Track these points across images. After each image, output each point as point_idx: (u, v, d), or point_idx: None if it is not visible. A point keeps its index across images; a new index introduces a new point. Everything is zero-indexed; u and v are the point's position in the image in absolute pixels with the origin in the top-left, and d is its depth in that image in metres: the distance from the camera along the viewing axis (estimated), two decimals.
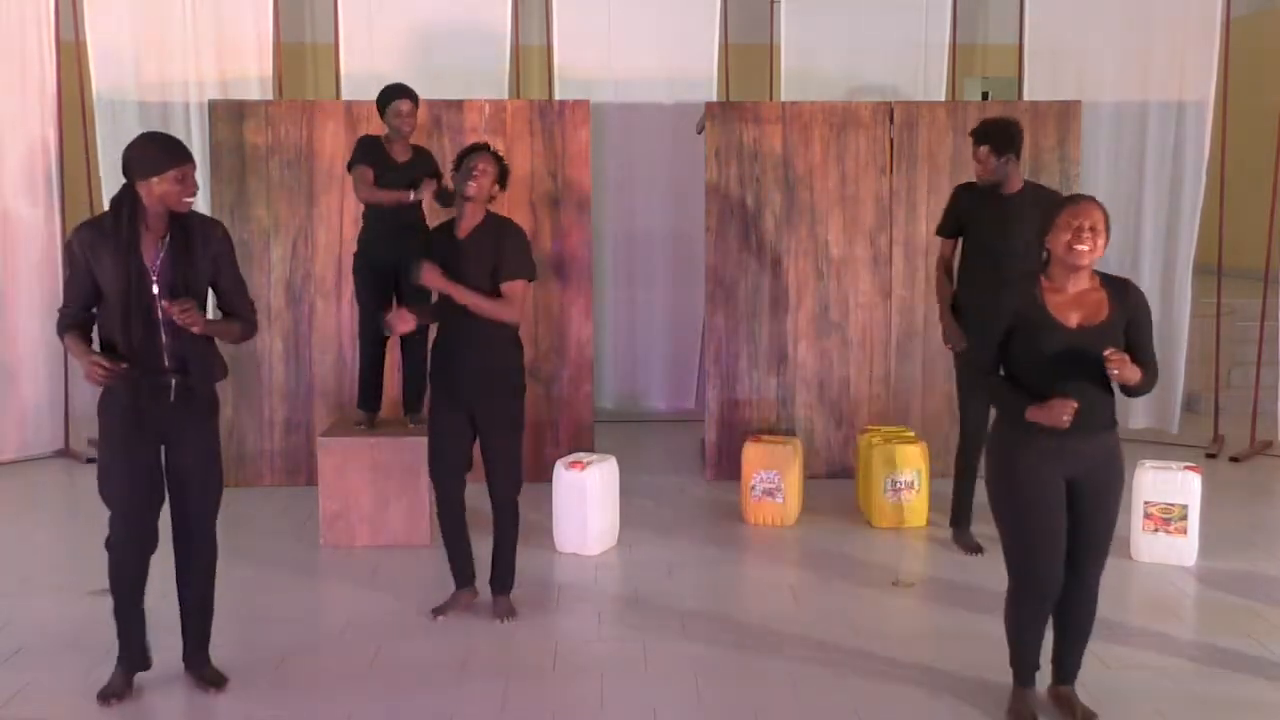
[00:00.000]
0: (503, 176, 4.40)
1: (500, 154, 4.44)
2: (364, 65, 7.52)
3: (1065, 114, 6.66)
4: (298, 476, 6.59)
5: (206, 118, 6.76)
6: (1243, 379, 7.97)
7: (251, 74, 7.51)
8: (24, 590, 4.92)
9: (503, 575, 4.59)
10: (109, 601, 3.79)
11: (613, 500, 5.53)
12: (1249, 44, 7.90)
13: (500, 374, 4.40)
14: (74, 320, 3.65)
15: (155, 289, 3.59)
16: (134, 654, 3.83)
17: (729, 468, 6.48)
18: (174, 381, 3.65)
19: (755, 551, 5.53)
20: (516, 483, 4.51)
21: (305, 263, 6.60)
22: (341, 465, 5.52)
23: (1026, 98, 7.43)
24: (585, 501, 5.34)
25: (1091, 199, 3.52)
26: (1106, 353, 3.33)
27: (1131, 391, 3.51)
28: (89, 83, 7.39)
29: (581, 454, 5.69)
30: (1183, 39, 7.38)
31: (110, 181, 6.96)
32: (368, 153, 5.64)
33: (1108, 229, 3.47)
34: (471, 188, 4.29)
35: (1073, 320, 3.46)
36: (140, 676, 3.87)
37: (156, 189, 3.54)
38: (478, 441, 4.48)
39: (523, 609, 4.61)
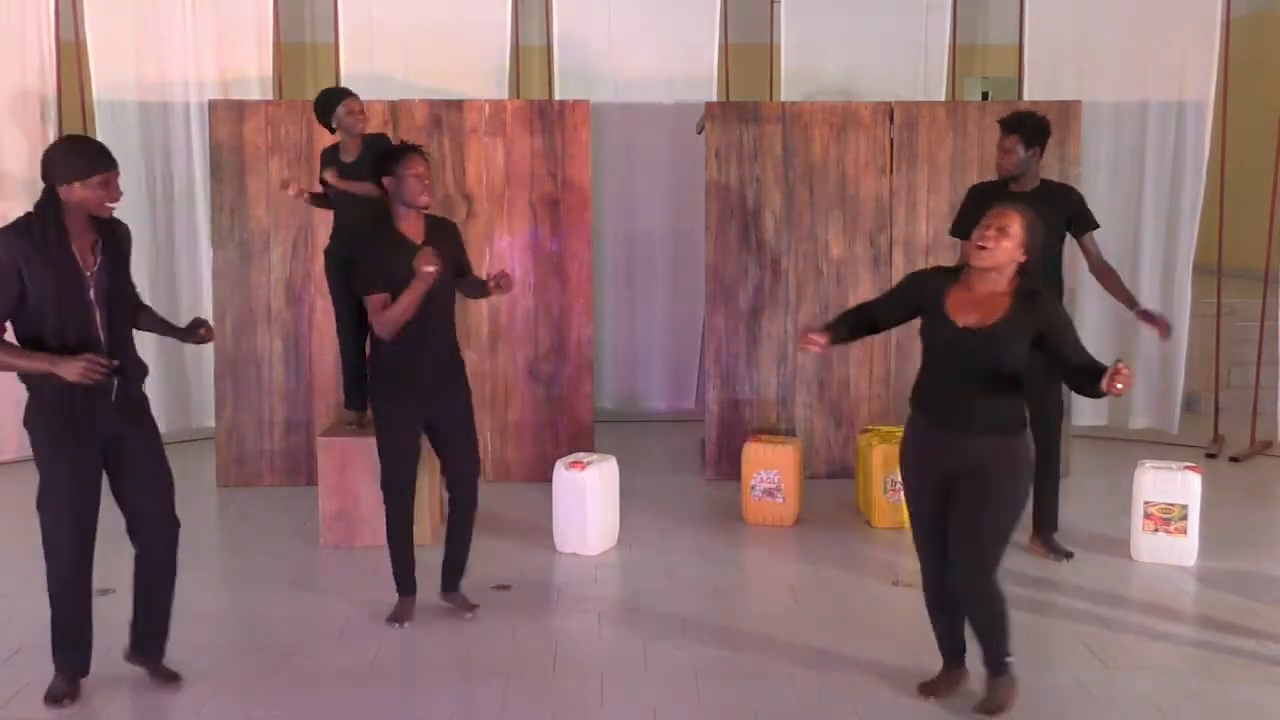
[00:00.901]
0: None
1: (425, 150, 4.37)
2: (364, 65, 7.52)
3: (1065, 114, 6.66)
4: (298, 476, 6.59)
5: (206, 118, 6.77)
6: (1243, 379, 7.97)
7: (251, 74, 7.50)
8: (24, 590, 4.91)
9: (460, 571, 4.60)
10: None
11: (613, 500, 5.53)
12: (1249, 44, 7.90)
13: (461, 365, 4.47)
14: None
15: (92, 294, 3.56)
16: (76, 656, 3.80)
17: (729, 468, 6.48)
18: (115, 383, 3.63)
19: (755, 551, 5.52)
20: (478, 465, 4.54)
21: (305, 263, 6.59)
22: (341, 465, 5.52)
23: (1026, 98, 7.43)
24: (585, 501, 5.33)
25: (1016, 207, 3.56)
26: (1118, 366, 3.27)
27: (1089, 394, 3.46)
28: (89, 83, 7.39)
29: (581, 454, 5.69)
30: (1183, 39, 7.38)
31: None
32: (332, 162, 5.61)
33: (1028, 238, 3.47)
34: (426, 198, 4.26)
35: (966, 320, 3.50)
36: (142, 677, 3.86)
37: (78, 194, 3.49)
38: (431, 438, 4.50)
39: (523, 609, 4.61)
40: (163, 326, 3.98)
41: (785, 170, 6.69)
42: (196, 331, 3.90)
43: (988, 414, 3.53)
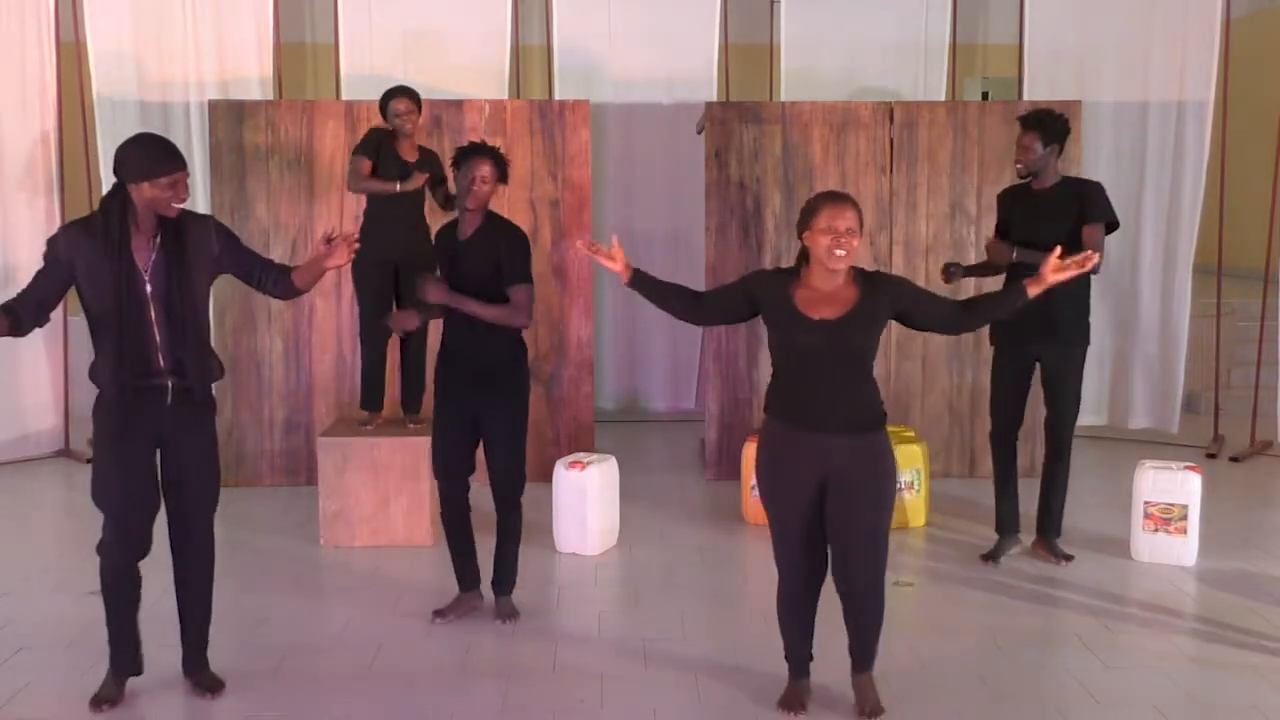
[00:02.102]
0: (503, 175, 4.37)
1: (499, 150, 4.37)
2: (364, 65, 7.52)
3: (1065, 114, 6.64)
4: (298, 476, 6.59)
5: (206, 118, 6.77)
6: (1243, 379, 7.97)
7: (251, 74, 7.51)
8: (24, 590, 4.92)
9: (505, 576, 4.59)
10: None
11: (613, 500, 5.53)
12: (1249, 44, 7.90)
13: (505, 375, 4.39)
14: (12, 306, 3.50)
15: (149, 289, 3.55)
16: (125, 659, 3.80)
17: (729, 468, 6.48)
18: (170, 383, 3.62)
19: (755, 551, 5.52)
20: (520, 483, 4.50)
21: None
22: (341, 465, 5.52)
23: (1026, 98, 7.43)
24: (585, 501, 5.34)
25: (847, 197, 3.52)
26: (1055, 255, 3.49)
27: (1003, 310, 3.66)
28: (89, 83, 7.39)
29: (581, 454, 5.69)
30: (1183, 39, 7.38)
31: (110, 181, 6.97)
32: (372, 144, 5.63)
33: (862, 226, 3.50)
34: (473, 200, 4.27)
35: (820, 314, 3.45)
36: (141, 680, 3.87)
37: (147, 193, 3.51)
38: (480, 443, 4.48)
39: (523, 609, 4.61)
40: (309, 271, 3.82)
41: (785, 170, 6.69)
42: (331, 244, 3.76)
43: (852, 410, 3.50)
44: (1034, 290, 3.55)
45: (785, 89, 7.94)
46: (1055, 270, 3.53)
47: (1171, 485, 5.19)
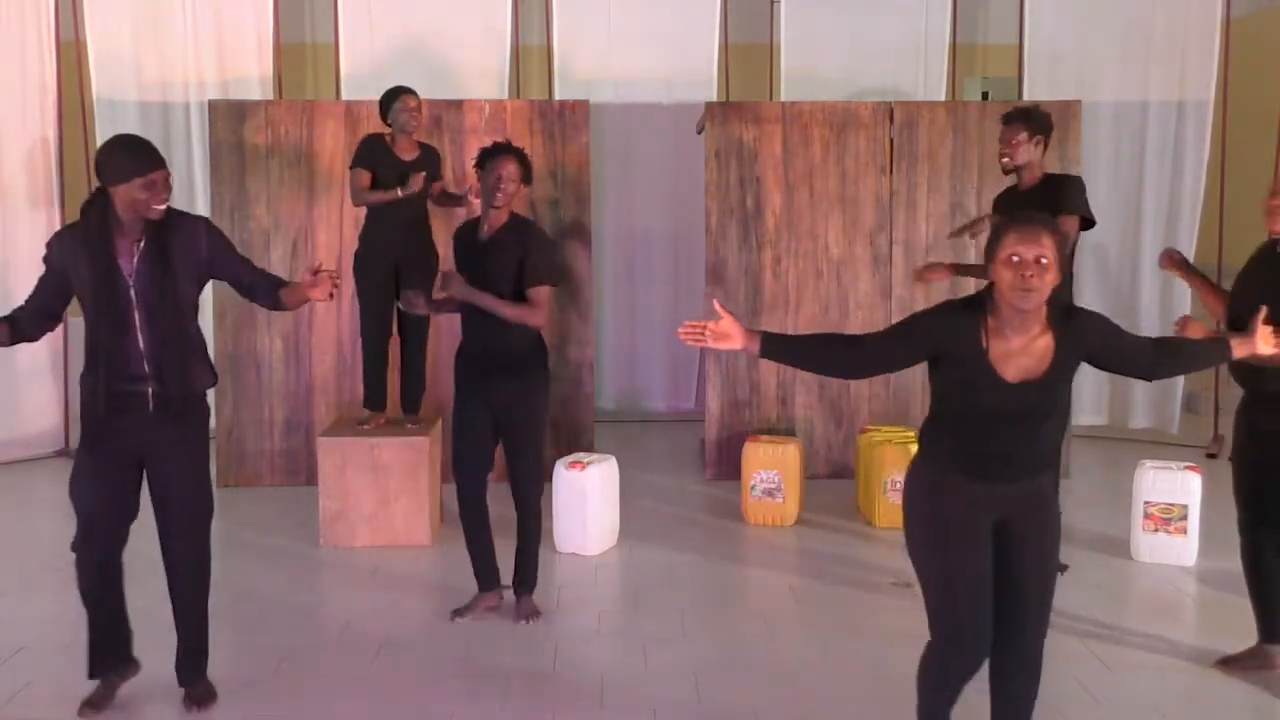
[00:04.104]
0: (527, 175, 4.40)
1: (523, 151, 4.40)
2: (364, 65, 7.53)
3: (1065, 114, 6.65)
4: (298, 476, 6.59)
5: (206, 118, 6.77)
6: None
7: (251, 74, 7.51)
8: (24, 590, 4.92)
9: (527, 576, 4.60)
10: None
11: (613, 500, 5.53)
12: (1249, 44, 7.89)
13: (525, 375, 4.41)
14: (13, 316, 3.53)
15: (132, 293, 3.46)
16: (106, 662, 3.73)
17: (729, 468, 6.48)
18: (151, 390, 3.51)
19: (755, 551, 5.53)
20: (540, 482, 4.52)
21: (305, 262, 6.58)
22: (341, 465, 5.52)
23: (1026, 98, 7.43)
24: (585, 501, 5.34)
25: (1040, 221, 2.89)
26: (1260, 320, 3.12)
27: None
28: (89, 83, 7.40)
29: (581, 454, 5.69)
30: (1183, 39, 7.38)
31: None
32: (369, 153, 5.65)
33: (1061, 255, 2.88)
34: (500, 198, 4.29)
35: (1017, 374, 2.88)
36: (143, 683, 3.85)
37: (126, 195, 3.40)
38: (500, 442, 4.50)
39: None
40: (293, 296, 3.71)
41: (785, 170, 6.69)
42: (316, 276, 3.65)
43: (1042, 454, 3.06)
44: (1239, 352, 3.19)
45: (785, 89, 7.93)
46: (1268, 335, 3.15)
47: (1171, 485, 5.19)
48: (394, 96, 5.67)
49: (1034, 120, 4.95)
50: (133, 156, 3.41)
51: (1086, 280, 7.20)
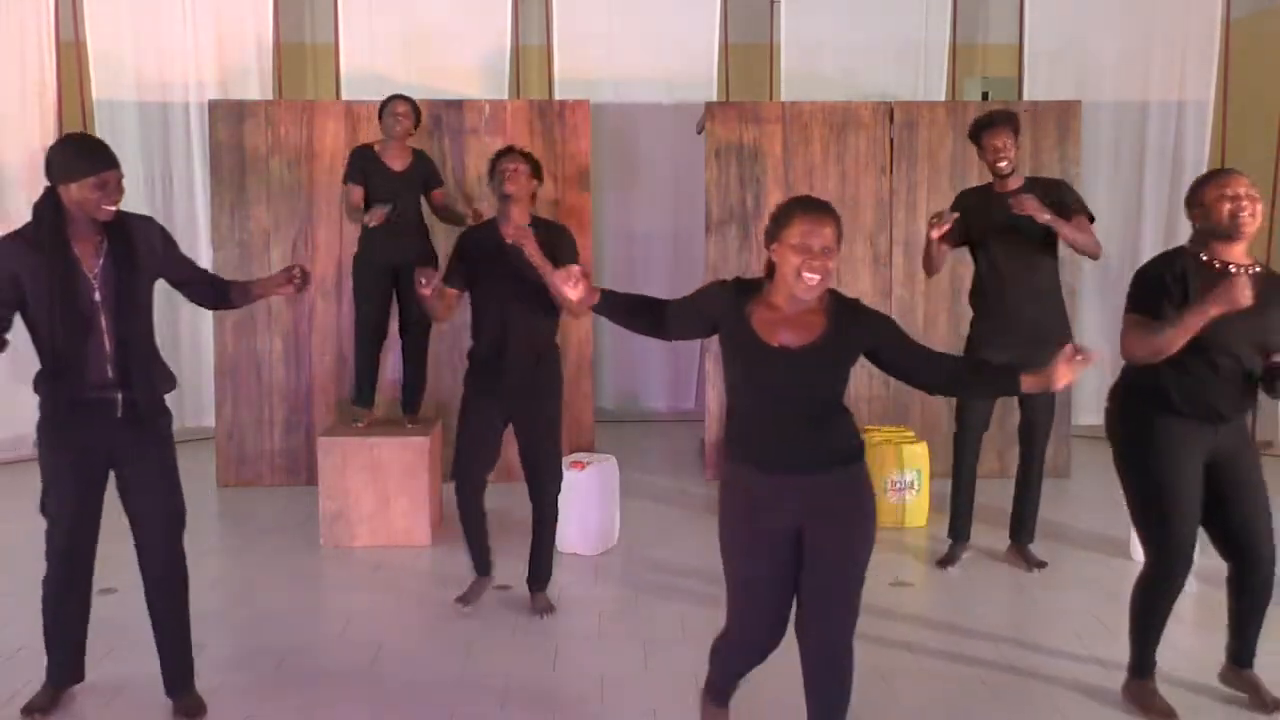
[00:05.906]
0: (537, 171, 4.44)
1: (528, 151, 4.46)
2: (364, 65, 7.53)
3: (1065, 114, 6.66)
4: (298, 476, 6.59)
5: (206, 118, 6.77)
6: None
7: (251, 74, 7.51)
8: (24, 590, 4.91)
9: (541, 572, 4.64)
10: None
11: (613, 500, 5.53)
12: (1249, 44, 7.89)
13: (544, 373, 4.45)
14: None
15: (97, 296, 3.35)
16: (63, 669, 3.71)
17: None
18: (120, 397, 3.43)
19: None
20: (559, 479, 4.57)
21: (305, 263, 6.58)
22: (341, 465, 5.52)
23: (1026, 98, 7.44)
24: (585, 501, 5.34)
25: (827, 207, 2.87)
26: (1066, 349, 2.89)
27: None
28: (89, 83, 7.40)
29: (581, 454, 5.69)
30: (1183, 39, 7.39)
31: None
32: (357, 167, 5.72)
33: (840, 239, 2.86)
34: (510, 186, 4.31)
35: (780, 339, 2.88)
36: (141, 684, 3.85)
37: (75, 194, 3.28)
38: (514, 442, 4.52)
39: (523, 608, 4.61)
40: (257, 288, 3.69)
41: (785, 170, 6.70)
42: (290, 273, 3.63)
43: (829, 446, 2.94)
44: (1029, 387, 2.94)
45: (785, 89, 7.94)
46: (1066, 372, 2.88)
47: None
48: (386, 101, 5.76)
49: (1015, 121, 4.97)
50: (84, 153, 3.32)
51: (1086, 280, 7.20)
